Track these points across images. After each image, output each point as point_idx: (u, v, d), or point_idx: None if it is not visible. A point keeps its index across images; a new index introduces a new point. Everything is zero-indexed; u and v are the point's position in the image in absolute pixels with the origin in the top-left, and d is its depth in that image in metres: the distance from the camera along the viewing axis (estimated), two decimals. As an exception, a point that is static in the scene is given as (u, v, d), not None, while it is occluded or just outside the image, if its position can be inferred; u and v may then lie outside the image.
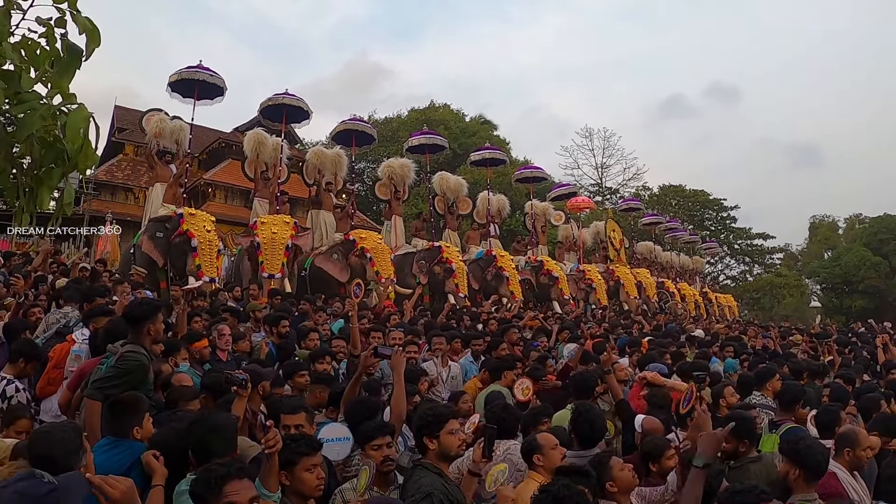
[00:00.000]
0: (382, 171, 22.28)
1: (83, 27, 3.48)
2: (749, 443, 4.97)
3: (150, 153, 18.82)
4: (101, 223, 25.28)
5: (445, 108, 61.22)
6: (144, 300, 5.71)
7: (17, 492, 2.60)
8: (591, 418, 5.30)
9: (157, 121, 18.26)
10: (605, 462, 4.31)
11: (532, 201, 27.69)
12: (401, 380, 5.43)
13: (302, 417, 4.60)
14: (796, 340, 15.58)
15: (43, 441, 3.23)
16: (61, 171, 3.51)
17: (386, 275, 16.74)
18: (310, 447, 3.76)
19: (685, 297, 29.43)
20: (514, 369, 7.72)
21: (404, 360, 5.78)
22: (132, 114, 37.39)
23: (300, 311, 11.31)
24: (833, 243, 69.68)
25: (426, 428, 4.25)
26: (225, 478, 2.89)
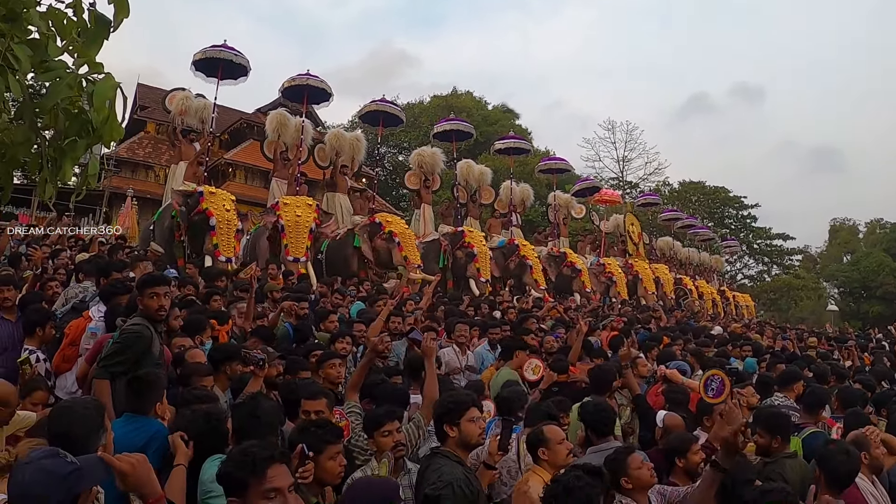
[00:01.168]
0: (412, 159, 22.19)
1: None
2: (782, 439, 4.95)
3: (173, 131, 18.85)
4: (122, 200, 25.38)
5: (468, 95, 61.11)
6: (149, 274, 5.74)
7: (42, 469, 2.55)
8: (596, 408, 5.33)
9: (182, 98, 18.27)
10: (624, 458, 4.26)
11: (556, 192, 27.54)
12: (433, 366, 5.38)
13: (323, 403, 4.54)
14: (812, 343, 15.47)
15: (64, 418, 3.20)
16: (86, 143, 3.46)
17: (416, 260, 16.65)
18: (335, 435, 3.76)
19: (703, 294, 29.28)
20: (525, 349, 7.69)
21: (436, 346, 5.73)
22: (155, 92, 37.45)
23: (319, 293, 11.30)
24: (853, 247, 69.23)
25: (446, 415, 4.20)
26: (268, 460, 2.76)
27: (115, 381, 4.66)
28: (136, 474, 2.73)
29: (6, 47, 3.14)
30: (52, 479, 2.53)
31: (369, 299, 11.67)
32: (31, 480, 2.51)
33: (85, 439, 3.06)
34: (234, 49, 17.54)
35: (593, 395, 6.36)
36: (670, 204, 50.22)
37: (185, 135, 18.60)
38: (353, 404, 5.26)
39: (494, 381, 7.29)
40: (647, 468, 4.26)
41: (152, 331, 4.97)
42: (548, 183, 41.48)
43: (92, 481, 2.67)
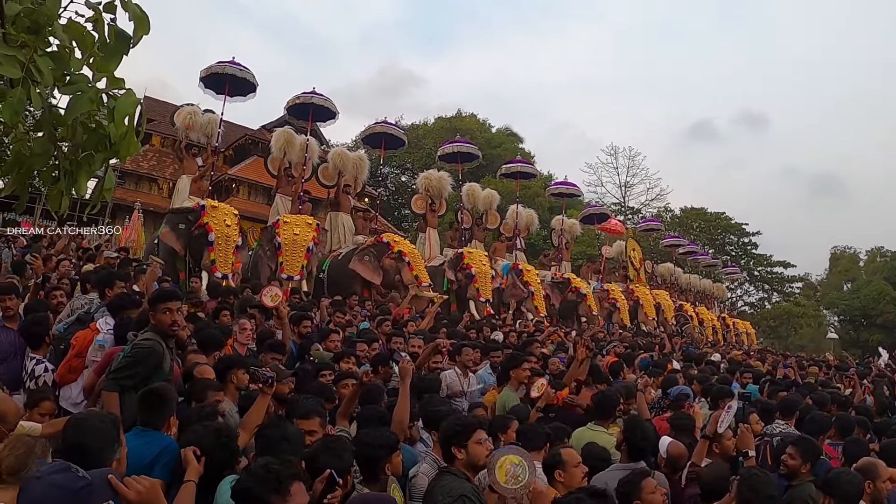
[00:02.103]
0: (420, 182, 22.21)
1: (133, 14, 3.45)
2: (811, 465, 4.99)
3: (178, 146, 18.91)
4: (125, 212, 25.43)
5: (472, 117, 61.33)
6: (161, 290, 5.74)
7: (53, 484, 2.57)
8: (645, 430, 5.37)
9: (189, 113, 18.33)
10: (638, 481, 4.25)
11: (562, 217, 27.60)
12: (406, 389, 5.34)
13: (316, 423, 4.50)
14: (813, 372, 15.46)
15: (80, 430, 3.19)
16: (103, 157, 3.48)
17: (425, 279, 16.70)
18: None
19: (703, 321, 29.31)
20: (520, 367, 7.69)
21: (412, 368, 5.68)
22: (161, 105, 37.62)
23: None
24: (853, 275, 69.37)
25: (454, 438, 4.23)
26: (291, 478, 2.78)
27: (123, 394, 4.66)
28: (143, 501, 2.75)
29: (29, 59, 3.17)
30: (65, 494, 2.56)
31: (374, 319, 11.67)
32: (43, 496, 2.54)
33: (99, 452, 3.06)
34: (240, 65, 17.62)
35: (631, 416, 6.40)
36: (672, 230, 50.21)
37: (188, 150, 18.65)
38: (342, 429, 5.21)
39: (498, 404, 7.30)
40: (661, 493, 4.26)
41: (164, 346, 4.97)
42: (550, 207, 41.66)
43: (103, 496, 2.68)
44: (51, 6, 3.38)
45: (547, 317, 19.57)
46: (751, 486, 4.05)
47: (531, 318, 18.48)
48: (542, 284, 21.27)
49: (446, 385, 7.86)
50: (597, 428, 6.29)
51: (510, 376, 7.66)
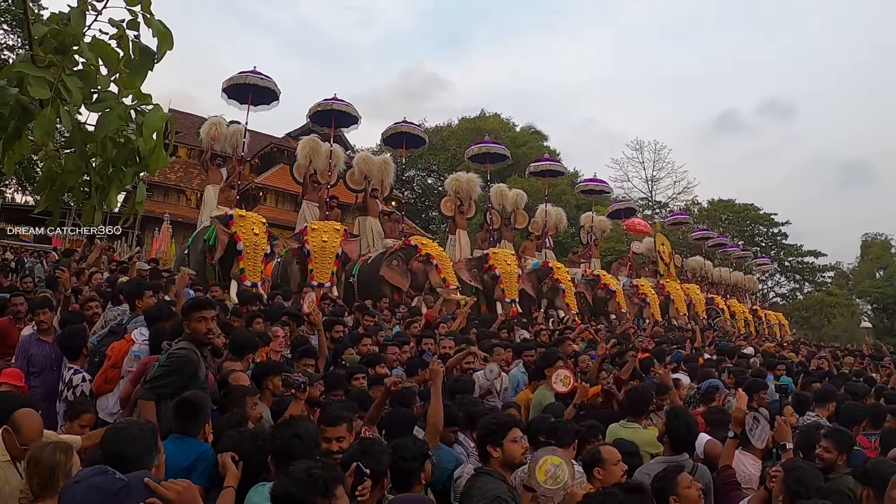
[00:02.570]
0: (448, 185, 22.13)
1: (156, 30, 3.50)
2: (847, 457, 5.00)
3: (204, 157, 19.04)
4: (154, 224, 25.65)
5: (495, 117, 61.18)
6: (196, 299, 5.82)
7: (92, 486, 2.65)
8: (688, 421, 5.38)
9: (214, 125, 18.44)
10: (673, 476, 4.25)
11: (591, 214, 27.58)
12: (438, 391, 5.29)
13: (343, 429, 4.47)
14: (848, 362, 15.35)
15: (119, 438, 3.24)
16: (133, 171, 3.54)
17: (453, 282, 16.69)
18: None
19: (735, 314, 29.06)
20: (554, 366, 7.65)
21: (442, 370, 5.66)
22: (186, 117, 38.00)
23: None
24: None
25: (490, 436, 4.27)
26: (336, 481, 2.81)
27: (159, 403, 4.73)
28: (182, 501, 2.79)
29: (57, 79, 3.23)
30: (104, 496, 2.64)
31: (404, 322, 11.71)
32: (82, 498, 2.61)
33: (138, 460, 3.11)
34: (261, 74, 17.67)
35: (675, 406, 6.41)
36: (700, 223, 49.92)
37: (213, 160, 18.75)
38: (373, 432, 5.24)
39: (534, 402, 7.30)
40: (696, 488, 4.24)
41: (199, 355, 5.04)
42: (577, 204, 41.57)
43: (140, 496, 2.74)
44: (76, 26, 3.44)
45: (578, 314, 19.47)
46: (798, 478, 4.03)
47: (563, 315, 18.46)
48: (575, 282, 21.29)
49: (479, 385, 7.89)
50: (630, 424, 6.29)
51: (545, 375, 7.63)
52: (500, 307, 17.65)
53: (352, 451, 3.90)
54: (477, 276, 18.39)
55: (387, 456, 3.84)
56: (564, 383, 7.11)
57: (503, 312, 16.94)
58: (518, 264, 19.37)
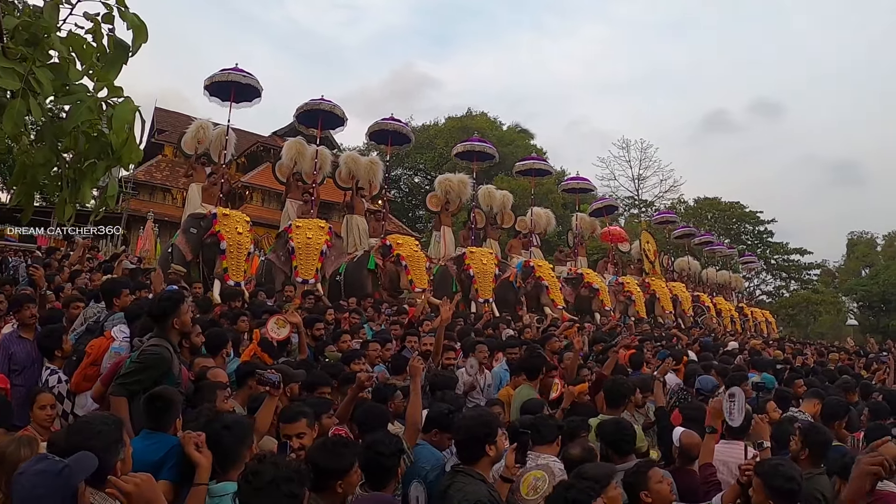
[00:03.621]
0: (438, 184, 22.15)
1: (131, 23, 3.49)
2: (810, 452, 4.98)
3: (190, 162, 18.88)
4: (140, 223, 25.58)
5: (482, 116, 61.17)
6: (166, 294, 5.74)
7: (37, 472, 2.71)
8: (617, 427, 5.32)
9: (200, 128, 18.29)
10: (645, 471, 4.21)
11: (579, 215, 27.62)
12: (418, 388, 5.28)
13: (303, 424, 4.41)
14: (833, 359, 15.44)
15: (83, 432, 3.21)
16: (105, 165, 3.52)
17: (420, 284, 16.64)
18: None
19: (721, 311, 29.18)
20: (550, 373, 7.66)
21: (423, 367, 5.63)
22: (172, 116, 37.91)
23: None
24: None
25: (489, 436, 4.20)
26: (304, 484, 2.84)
27: (132, 399, 4.69)
28: (140, 493, 2.80)
29: (28, 71, 3.21)
30: (48, 477, 2.69)
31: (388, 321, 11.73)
32: (31, 485, 2.68)
33: (104, 453, 3.08)
34: (242, 71, 17.54)
35: (609, 411, 6.40)
36: (686, 221, 50.02)
37: (198, 159, 18.62)
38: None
39: (515, 399, 7.29)
40: (668, 483, 4.22)
41: (172, 351, 5.01)
42: (563, 203, 41.60)
43: (84, 473, 2.78)
44: (49, 19, 3.43)
45: (564, 309, 19.49)
46: (786, 476, 3.87)
47: (548, 311, 18.48)
48: (560, 280, 21.33)
49: (462, 382, 7.87)
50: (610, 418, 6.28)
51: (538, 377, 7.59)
52: (474, 306, 17.69)
53: (313, 449, 3.85)
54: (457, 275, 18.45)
55: (350, 453, 3.77)
56: (554, 389, 7.11)
57: (478, 311, 16.95)
58: (496, 264, 19.37)
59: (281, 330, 7.48)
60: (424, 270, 17.01)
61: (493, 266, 18.96)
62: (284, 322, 7.55)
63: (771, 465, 4.02)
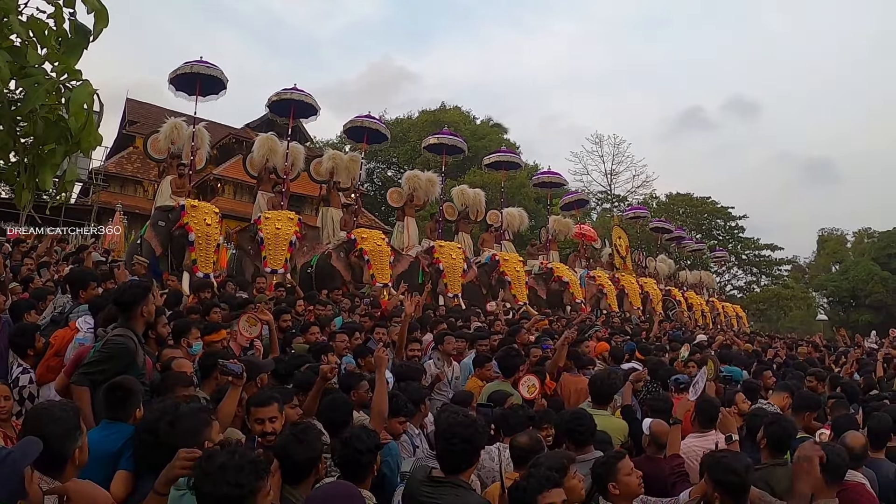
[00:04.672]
0: (406, 180, 21.96)
1: (92, 7, 3.45)
2: (768, 443, 4.98)
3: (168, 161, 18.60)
4: (110, 215, 25.37)
5: (455, 110, 61.23)
6: (133, 283, 5.70)
7: None
8: (574, 417, 5.35)
9: (173, 128, 18.01)
10: (614, 462, 4.20)
11: (553, 217, 27.70)
12: (383, 378, 5.26)
13: (275, 408, 4.45)
14: (803, 352, 15.58)
15: (39, 420, 3.18)
16: (64, 150, 3.48)
17: (381, 279, 16.60)
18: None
19: (692, 305, 29.33)
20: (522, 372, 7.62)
21: (388, 357, 5.61)
22: (144, 107, 37.62)
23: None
24: (841, 257, 69.77)
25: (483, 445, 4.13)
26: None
27: (96, 389, 4.64)
28: (78, 489, 2.78)
29: (-15, 53, 3.17)
30: None
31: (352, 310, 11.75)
32: None
33: (61, 440, 3.06)
34: (207, 62, 17.35)
35: (596, 408, 6.41)
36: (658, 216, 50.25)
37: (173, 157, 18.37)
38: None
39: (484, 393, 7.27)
40: (637, 476, 4.21)
41: (137, 342, 4.96)
42: (536, 197, 41.66)
43: (28, 459, 2.73)
44: (9, 1, 3.38)
45: (526, 304, 19.49)
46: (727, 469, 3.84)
47: (508, 306, 18.49)
48: (529, 275, 21.43)
49: (430, 374, 7.87)
50: (600, 411, 6.31)
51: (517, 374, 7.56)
52: (442, 300, 17.72)
53: (283, 439, 3.78)
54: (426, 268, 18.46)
55: (319, 442, 3.73)
56: (530, 391, 7.09)
57: (444, 306, 16.96)
58: (464, 258, 19.37)
59: (252, 328, 7.41)
60: (387, 265, 16.94)
61: (462, 261, 18.96)
62: (256, 320, 7.47)
63: (715, 457, 4.02)
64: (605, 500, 4.16)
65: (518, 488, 3.43)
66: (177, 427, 3.60)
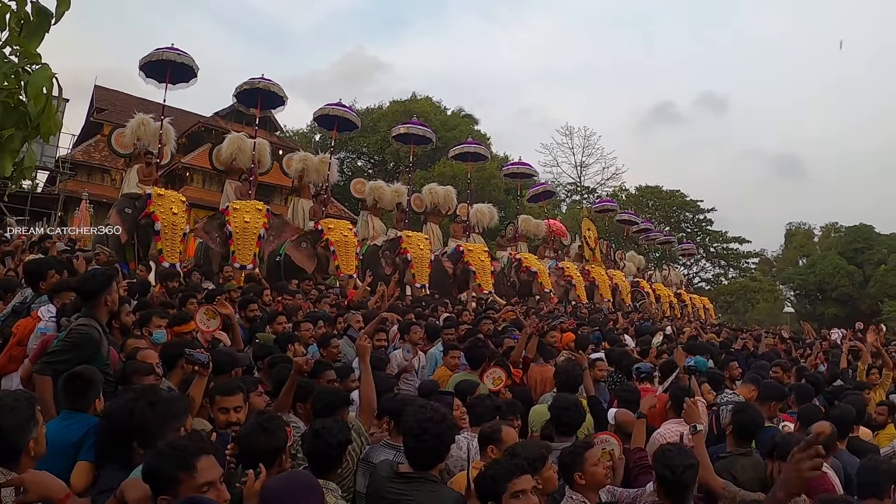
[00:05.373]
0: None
1: (54, -11, 3.40)
2: (734, 429, 5.10)
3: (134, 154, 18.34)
4: (77, 204, 25.12)
5: (426, 100, 61.05)
6: (97, 272, 5.62)
7: None
8: (567, 404, 5.29)
9: (140, 124, 17.78)
10: (581, 452, 4.17)
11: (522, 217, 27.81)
12: (367, 366, 5.22)
13: (240, 398, 4.43)
14: (768, 343, 15.73)
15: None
16: (23, 135, 3.42)
17: (346, 270, 16.63)
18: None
19: (660, 297, 29.50)
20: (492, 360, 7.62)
21: (369, 346, 5.55)
22: (112, 94, 37.21)
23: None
24: (808, 251, 70.53)
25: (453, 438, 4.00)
26: (198, 453, 2.73)
27: (58, 379, 4.57)
28: (34, 479, 2.75)
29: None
30: None
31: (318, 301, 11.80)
32: None
33: (16, 431, 3.00)
34: (177, 49, 17.16)
35: (560, 394, 6.40)
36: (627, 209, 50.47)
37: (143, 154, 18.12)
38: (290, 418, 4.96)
39: (451, 383, 7.27)
40: (603, 466, 4.23)
41: (101, 331, 4.90)
42: (506, 188, 41.70)
43: None
44: (-35, -16, 3.32)
45: (492, 293, 19.51)
46: (664, 463, 3.85)
47: (474, 296, 18.54)
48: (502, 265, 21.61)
49: (396, 364, 7.88)
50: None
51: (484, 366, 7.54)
52: (410, 290, 17.69)
53: (247, 427, 3.74)
54: (389, 259, 18.42)
55: (283, 431, 3.68)
56: (495, 383, 7.08)
57: (411, 295, 16.97)
58: (431, 249, 19.45)
59: (211, 321, 7.17)
60: (353, 256, 16.96)
61: (429, 251, 18.99)
62: (214, 313, 7.24)
63: (662, 448, 4.04)
64: (572, 490, 4.15)
65: (486, 476, 3.40)
66: (157, 409, 3.51)
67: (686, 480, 3.81)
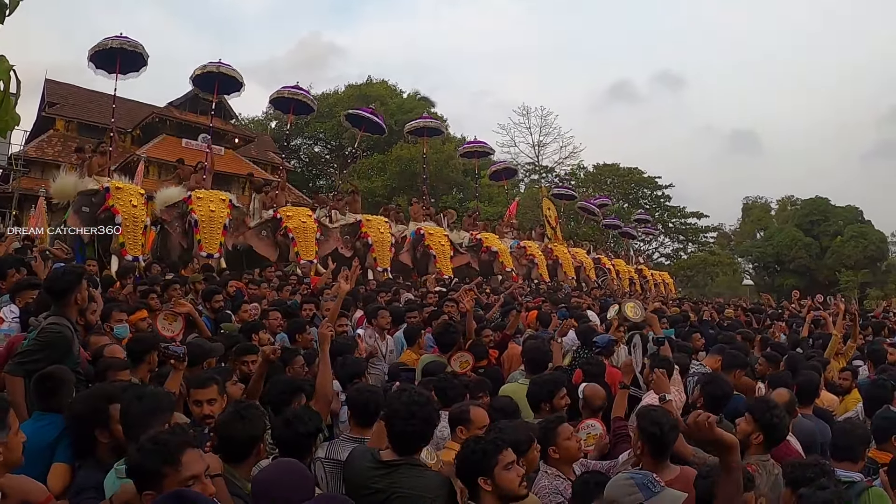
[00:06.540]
0: None
1: (7, -20, 3.33)
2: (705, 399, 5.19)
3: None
4: (32, 201, 24.79)
5: (382, 83, 60.86)
6: (66, 270, 5.55)
7: None
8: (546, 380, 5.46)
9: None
10: (554, 427, 4.26)
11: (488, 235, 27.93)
12: (326, 356, 5.08)
13: (215, 390, 4.38)
14: (729, 315, 15.96)
15: None
16: (-22, 132, 3.37)
17: (306, 256, 16.69)
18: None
19: (620, 273, 29.71)
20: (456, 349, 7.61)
21: (331, 333, 5.47)
22: (63, 88, 36.66)
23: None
24: (765, 224, 71.49)
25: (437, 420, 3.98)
26: (182, 447, 2.71)
27: (30, 379, 4.51)
28: (13, 486, 2.73)
29: None
30: None
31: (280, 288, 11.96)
32: None
33: None
34: (128, 38, 16.88)
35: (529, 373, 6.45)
36: (585, 187, 50.73)
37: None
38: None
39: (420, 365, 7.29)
40: (576, 440, 4.30)
41: (72, 330, 4.85)
42: (464, 169, 41.70)
43: None
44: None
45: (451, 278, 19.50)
46: (651, 420, 3.95)
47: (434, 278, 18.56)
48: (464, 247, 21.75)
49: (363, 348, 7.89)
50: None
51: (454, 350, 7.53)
52: (371, 275, 17.70)
53: (226, 415, 3.73)
54: (349, 244, 18.39)
55: (261, 420, 3.68)
56: (462, 366, 7.10)
57: (374, 280, 16.96)
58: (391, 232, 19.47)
59: (174, 325, 6.99)
60: (313, 242, 16.97)
61: (389, 235, 18.99)
62: (174, 316, 7.09)
63: (646, 408, 4.15)
64: (546, 464, 4.20)
65: (476, 451, 3.37)
66: (144, 402, 3.50)
67: (671, 439, 3.94)
